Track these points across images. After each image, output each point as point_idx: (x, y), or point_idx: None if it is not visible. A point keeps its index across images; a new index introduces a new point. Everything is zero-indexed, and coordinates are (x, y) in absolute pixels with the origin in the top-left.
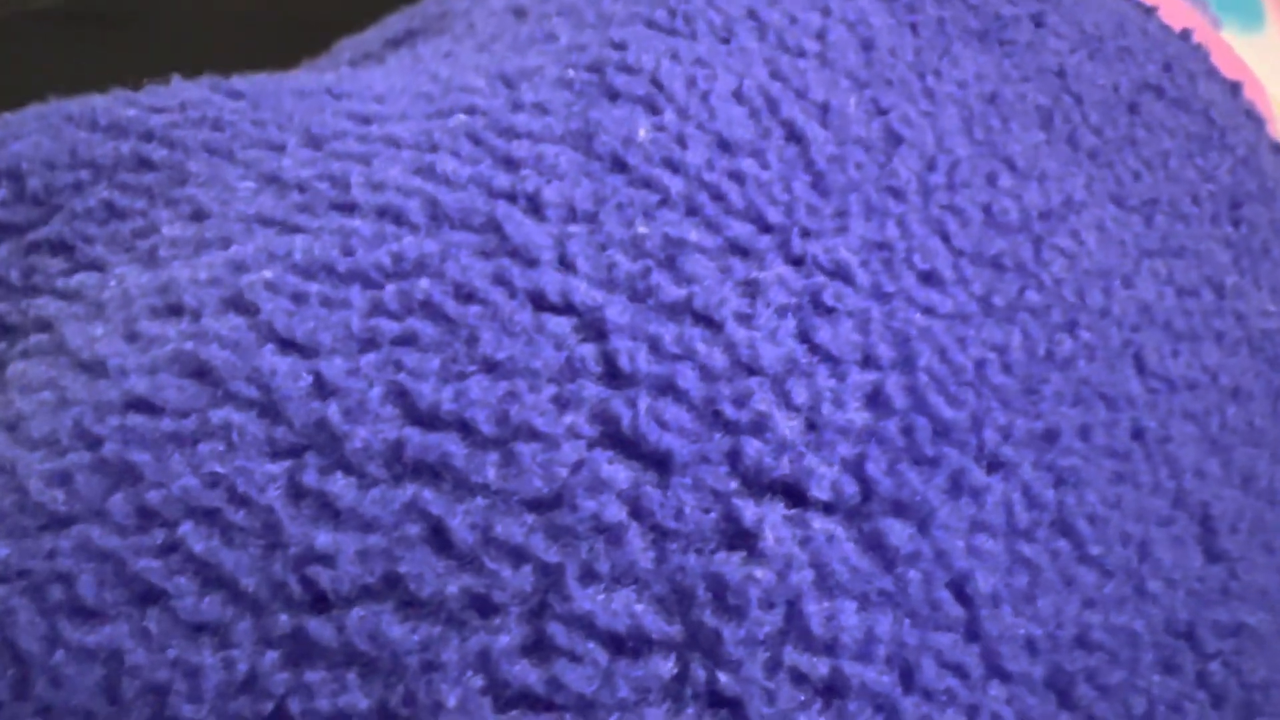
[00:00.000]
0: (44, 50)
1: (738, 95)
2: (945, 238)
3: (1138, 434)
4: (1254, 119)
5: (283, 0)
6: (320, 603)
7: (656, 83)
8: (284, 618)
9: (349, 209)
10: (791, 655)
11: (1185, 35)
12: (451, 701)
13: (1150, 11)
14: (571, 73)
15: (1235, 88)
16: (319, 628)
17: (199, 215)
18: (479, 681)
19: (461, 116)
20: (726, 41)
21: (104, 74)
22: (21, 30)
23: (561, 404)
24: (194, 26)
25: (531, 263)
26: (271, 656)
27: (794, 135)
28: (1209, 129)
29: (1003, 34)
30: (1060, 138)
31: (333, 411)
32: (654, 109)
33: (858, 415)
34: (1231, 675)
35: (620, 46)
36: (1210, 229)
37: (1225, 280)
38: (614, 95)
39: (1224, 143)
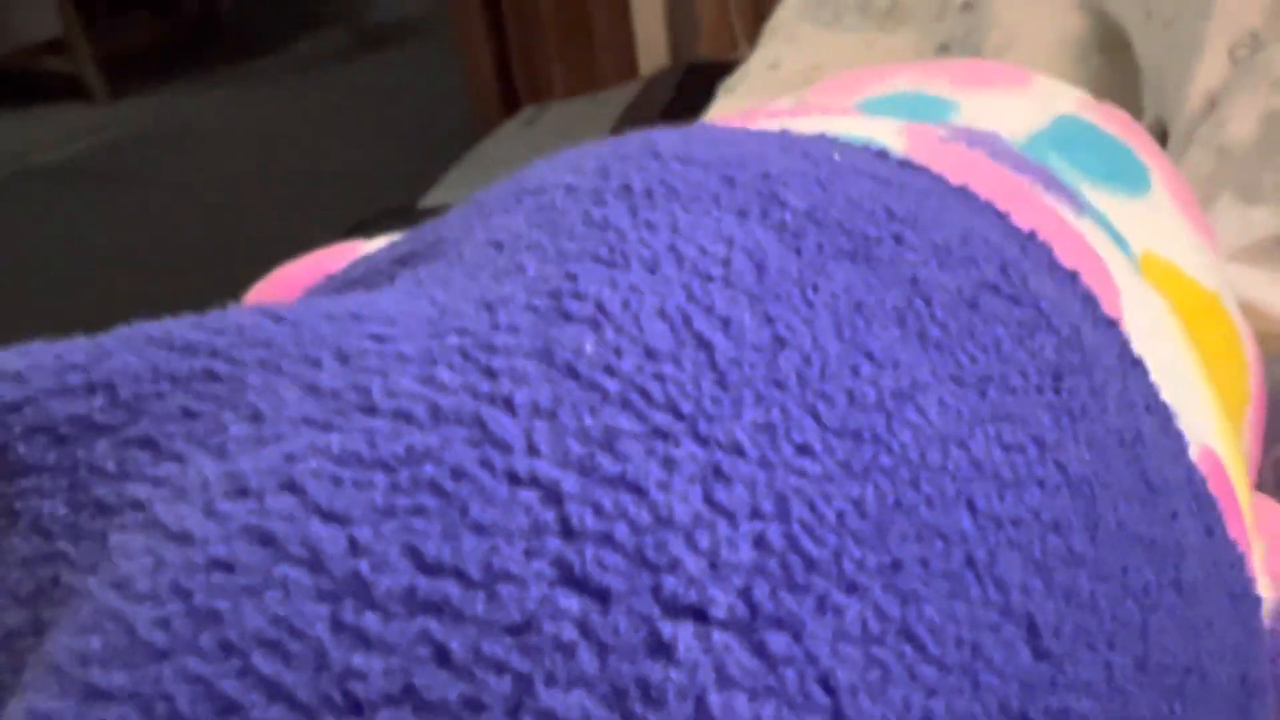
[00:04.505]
0: (45, 206)
1: (660, 313)
2: (816, 418)
3: (969, 562)
4: (1087, 300)
5: (272, 160)
6: (357, 708)
7: (600, 306)
8: None
9: (371, 411)
10: None
11: (1030, 236)
12: None
13: (1004, 216)
14: (537, 299)
15: (1073, 276)
16: None
17: (257, 418)
18: None
19: (454, 338)
20: (653, 271)
21: (103, 229)
22: (22, 187)
23: (530, 554)
24: (189, 185)
25: (507, 450)
26: None
27: (703, 344)
28: (1037, 316)
29: (869, 251)
30: (912, 333)
31: (363, 566)
32: (597, 327)
33: (747, 555)
34: None
35: (572, 278)
36: (1035, 397)
37: (1047, 437)
38: (568, 317)
39: (1050, 325)
